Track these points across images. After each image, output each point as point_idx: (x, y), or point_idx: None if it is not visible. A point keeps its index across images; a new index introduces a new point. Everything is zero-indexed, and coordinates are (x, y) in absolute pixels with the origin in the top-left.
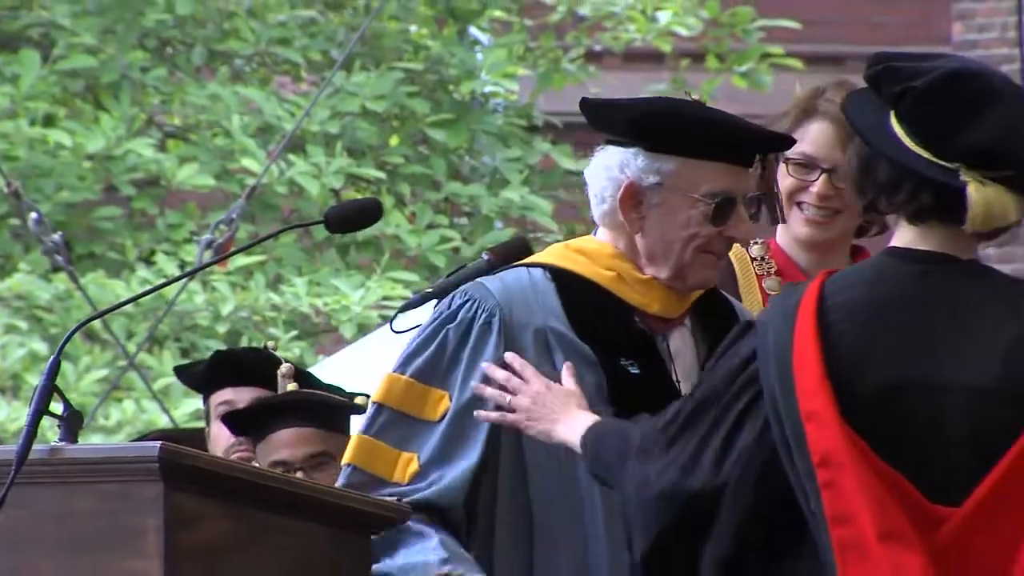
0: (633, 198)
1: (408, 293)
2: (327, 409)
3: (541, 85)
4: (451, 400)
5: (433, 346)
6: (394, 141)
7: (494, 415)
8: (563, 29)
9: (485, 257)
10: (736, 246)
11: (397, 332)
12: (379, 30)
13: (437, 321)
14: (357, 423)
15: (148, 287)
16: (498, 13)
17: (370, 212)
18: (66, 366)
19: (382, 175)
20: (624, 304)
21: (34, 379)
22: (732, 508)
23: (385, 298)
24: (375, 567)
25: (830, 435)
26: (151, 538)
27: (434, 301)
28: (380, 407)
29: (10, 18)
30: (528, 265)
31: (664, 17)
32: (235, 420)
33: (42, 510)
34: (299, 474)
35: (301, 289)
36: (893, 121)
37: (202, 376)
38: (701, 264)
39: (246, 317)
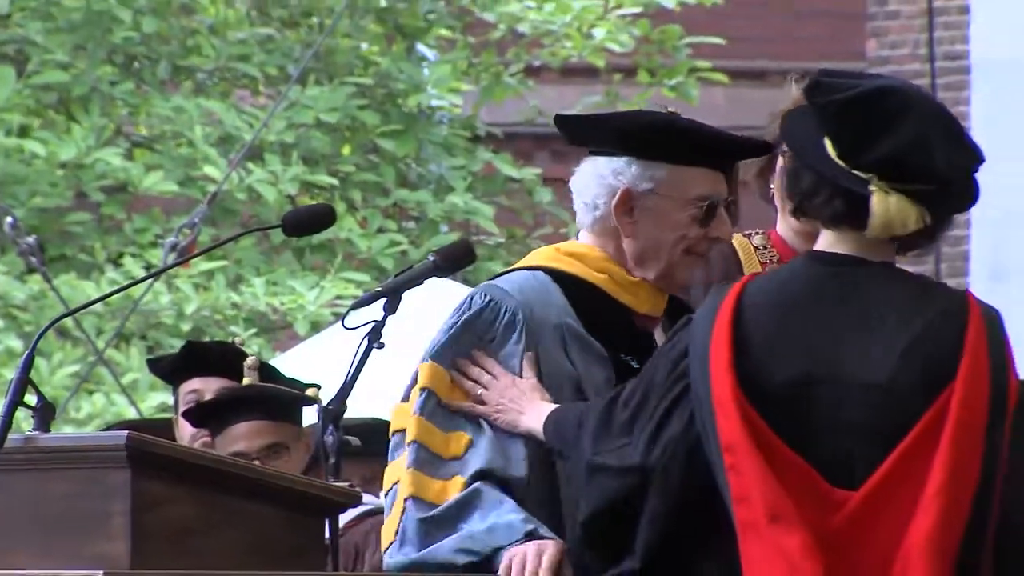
0: (627, 203)
1: (359, 292)
2: (280, 402)
3: (483, 98)
4: None
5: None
6: (346, 150)
7: (465, 405)
8: (504, 46)
9: (431, 259)
10: (739, 237)
11: (349, 328)
12: (332, 47)
13: (463, 320)
14: (309, 414)
15: (116, 287)
16: (443, 31)
17: (324, 217)
18: (39, 361)
19: (335, 182)
20: (618, 304)
21: (9, 373)
22: (661, 493)
23: (338, 297)
24: (458, 534)
25: (734, 424)
26: (118, 521)
27: (383, 300)
28: (430, 393)
29: None
30: (527, 268)
31: (599, 34)
32: (195, 414)
33: (17, 495)
34: (256, 464)
35: (259, 289)
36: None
37: (173, 366)
38: (687, 265)
39: (208, 316)
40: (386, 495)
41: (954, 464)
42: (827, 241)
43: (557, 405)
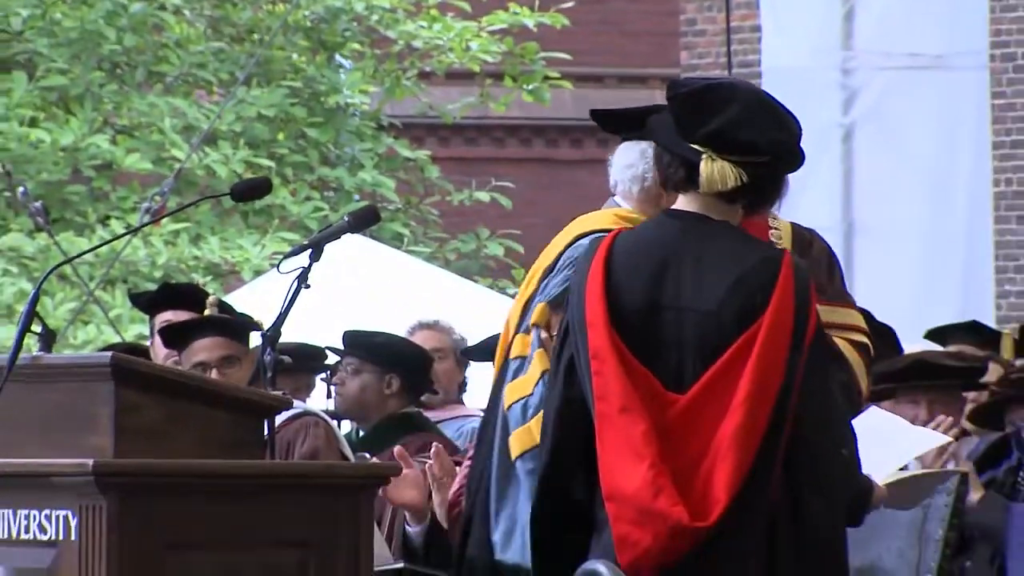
0: None
1: (291, 247)
2: (233, 325)
3: (386, 96)
4: None
5: None
6: (280, 137)
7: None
8: (402, 56)
9: (346, 220)
10: None
11: (283, 273)
12: (270, 57)
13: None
14: (254, 338)
15: (103, 241)
16: (355, 45)
17: (263, 188)
18: (45, 299)
19: (271, 163)
20: None
21: (22, 308)
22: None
23: (275, 252)
24: None
25: (601, 338)
26: (104, 422)
27: (309, 251)
28: (539, 329)
29: (4, 48)
30: (603, 231)
31: (475, 47)
32: (167, 333)
33: (26, 401)
34: (213, 372)
35: (215, 245)
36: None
37: (151, 300)
38: None
39: (175, 265)
40: (509, 408)
41: (758, 379)
42: (680, 203)
43: None
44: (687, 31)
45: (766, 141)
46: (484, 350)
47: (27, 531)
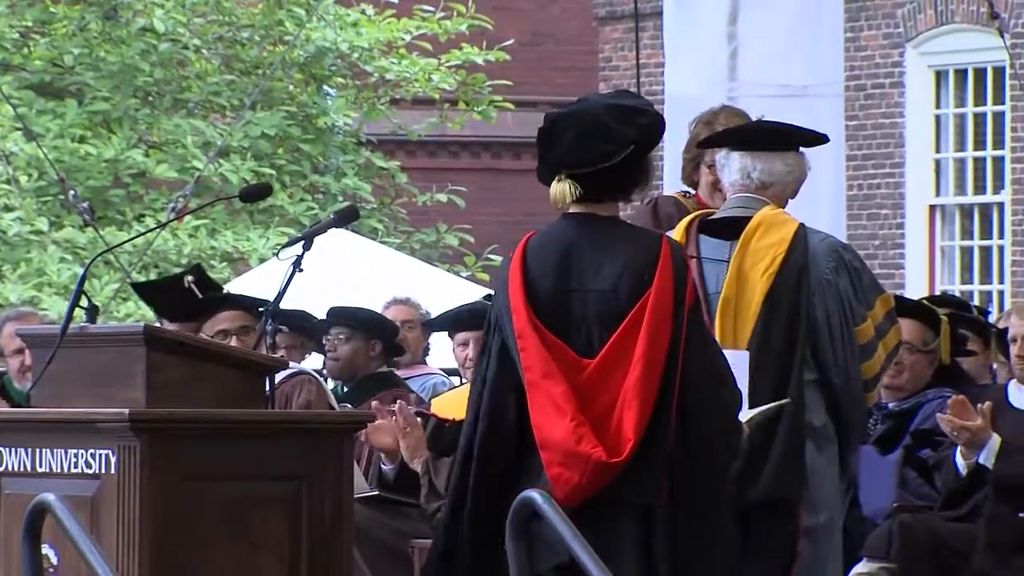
0: None
1: (287, 239)
2: (248, 300)
3: (365, 118)
4: None
5: None
6: (280, 151)
7: None
8: (377, 86)
9: (332, 217)
10: (679, 195)
11: (281, 260)
12: (271, 87)
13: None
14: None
15: (138, 233)
16: (340, 78)
17: (265, 191)
18: (92, 281)
19: (273, 172)
20: None
21: (73, 288)
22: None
23: (276, 243)
24: None
25: (523, 321)
26: (138, 379)
27: (302, 242)
28: None
29: (60, 80)
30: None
31: (436, 79)
32: (186, 310)
33: (75, 362)
34: (232, 339)
35: (228, 237)
36: None
37: (146, 300)
38: None
39: (196, 254)
40: None
41: (651, 340)
42: (573, 208)
43: None
44: (605, 66)
45: (594, 155)
46: (443, 321)
47: (75, 466)
